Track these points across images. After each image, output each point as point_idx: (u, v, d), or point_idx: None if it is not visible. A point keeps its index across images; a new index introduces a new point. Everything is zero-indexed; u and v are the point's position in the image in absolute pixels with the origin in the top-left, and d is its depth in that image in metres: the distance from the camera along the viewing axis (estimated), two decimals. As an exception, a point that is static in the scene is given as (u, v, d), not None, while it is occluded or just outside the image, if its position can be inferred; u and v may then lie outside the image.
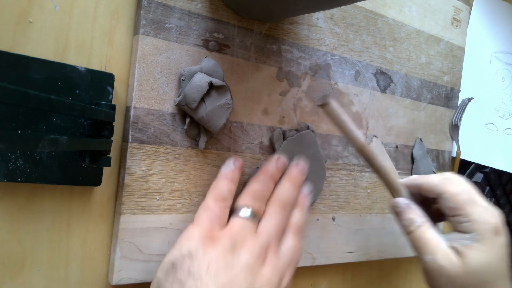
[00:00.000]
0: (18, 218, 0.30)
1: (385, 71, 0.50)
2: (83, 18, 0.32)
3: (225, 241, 0.30)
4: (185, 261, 0.28)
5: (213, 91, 0.34)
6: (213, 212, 0.32)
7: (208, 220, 0.31)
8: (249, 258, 0.29)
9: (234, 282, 0.27)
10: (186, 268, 0.28)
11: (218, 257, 0.28)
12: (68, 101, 0.26)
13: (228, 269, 0.28)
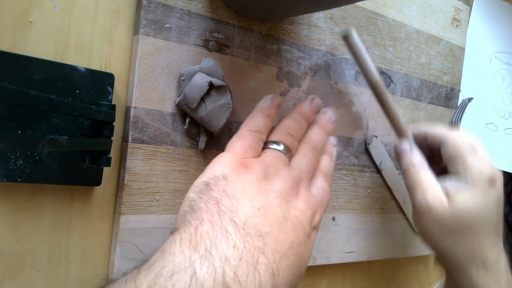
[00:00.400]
0: (18, 218, 0.30)
1: (385, 71, 0.50)
2: (83, 18, 0.32)
3: (259, 168, 0.28)
4: (220, 182, 0.27)
5: (213, 91, 0.34)
6: (247, 140, 0.31)
7: (241, 147, 0.30)
8: (283, 187, 0.28)
9: (269, 207, 0.26)
10: (221, 188, 0.26)
11: (252, 182, 0.27)
12: (68, 101, 0.26)
13: (263, 194, 0.26)
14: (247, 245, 0.23)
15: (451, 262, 0.39)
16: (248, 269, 0.22)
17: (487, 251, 0.38)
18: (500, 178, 0.39)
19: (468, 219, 0.37)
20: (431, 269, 0.61)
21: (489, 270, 0.38)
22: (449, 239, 0.38)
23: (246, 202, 0.25)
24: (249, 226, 0.24)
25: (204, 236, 0.23)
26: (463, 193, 0.38)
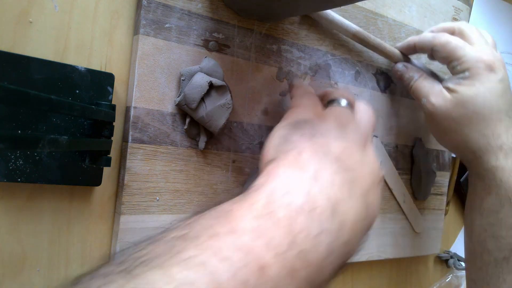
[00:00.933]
0: (18, 218, 0.30)
1: (385, 71, 0.50)
2: (83, 18, 0.32)
3: (332, 118, 0.29)
4: (306, 123, 0.28)
5: (213, 91, 0.34)
6: (311, 98, 0.32)
7: (309, 101, 0.32)
8: (356, 136, 0.29)
9: (350, 149, 0.27)
10: (309, 127, 0.28)
11: (331, 128, 0.28)
12: (68, 101, 0.26)
13: (343, 137, 0.27)
14: (344, 175, 0.24)
15: (468, 153, 0.41)
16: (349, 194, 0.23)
17: (502, 136, 0.40)
18: (499, 62, 0.40)
19: (473, 106, 0.39)
20: (431, 269, 0.61)
21: (507, 154, 0.39)
22: (460, 131, 0.40)
23: (333, 142, 0.26)
24: (342, 159, 0.25)
25: (309, 161, 0.24)
26: (464, 85, 0.40)
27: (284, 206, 0.21)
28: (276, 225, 0.20)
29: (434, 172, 0.56)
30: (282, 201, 0.21)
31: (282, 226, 0.20)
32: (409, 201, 0.53)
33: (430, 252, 0.57)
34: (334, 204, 0.22)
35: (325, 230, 0.21)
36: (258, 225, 0.19)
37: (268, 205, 0.21)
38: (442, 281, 0.60)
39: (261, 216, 0.20)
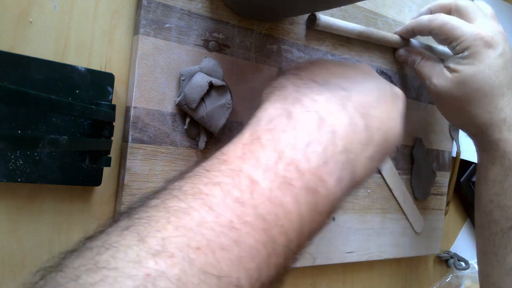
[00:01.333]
0: (18, 218, 0.30)
1: (385, 71, 0.50)
2: (83, 18, 0.32)
3: None
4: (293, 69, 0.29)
5: (213, 91, 0.34)
6: None
7: None
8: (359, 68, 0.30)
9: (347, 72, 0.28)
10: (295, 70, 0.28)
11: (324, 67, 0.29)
12: (68, 101, 0.26)
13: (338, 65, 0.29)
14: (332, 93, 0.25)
15: (473, 128, 0.43)
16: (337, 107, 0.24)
17: (504, 109, 0.41)
18: (499, 35, 0.41)
19: (473, 84, 0.40)
20: (431, 269, 0.61)
21: (510, 126, 0.41)
22: (463, 109, 0.41)
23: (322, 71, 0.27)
24: (330, 82, 0.26)
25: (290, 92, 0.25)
26: (464, 64, 0.41)
27: (268, 130, 0.22)
28: (262, 147, 0.21)
29: (434, 172, 0.56)
30: (266, 127, 0.22)
31: (267, 146, 0.21)
32: (409, 201, 0.53)
33: (430, 252, 0.57)
34: (319, 117, 0.23)
35: (313, 140, 0.21)
36: (246, 151, 0.21)
37: (254, 133, 0.22)
38: (442, 281, 0.60)
39: (248, 143, 0.22)
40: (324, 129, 0.22)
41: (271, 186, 0.20)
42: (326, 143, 0.22)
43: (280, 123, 0.22)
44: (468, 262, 0.61)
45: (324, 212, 0.21)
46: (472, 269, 0.61)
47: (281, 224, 0.19)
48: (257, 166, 0.20)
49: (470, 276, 0.61)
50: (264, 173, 0.20)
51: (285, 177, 0.20)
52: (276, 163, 0.20)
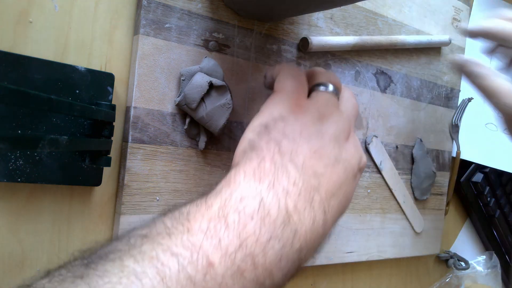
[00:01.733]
0: (18, 218, 0.30)
1: (385, 71, 0.50)
2: (83, 18, 0.32)
3: (313, 110, 0.29)
4: (278, 123, 0.28)
5: (213, 91, 0.34)
6: (296, 81, 0.30)
7: (292, 86, 0.30)
8: (336, 130, 0.28)
9: (324, 149, 0.27)
10: (281, 129, 0.27)
11: (308, 124, 0.28)
12: (68, 101, 0.26)
13: (318, 136, 0.27)
14: (305, 183, 0.25)
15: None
16: (305, 204, 0.24)
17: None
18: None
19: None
20: (431, 269, 0.61)
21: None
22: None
23: (304, 144, 0.26)
24: (306, 167, 0.25)
25: (267, 172, 0.25)
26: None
27: (237, 211, 0.22)
28: (227, 228, 0.21)
29: (434, 172, 0.56)
30: (236, 207, 0.22)
31: (232, 229, 0.21)
32: (409, 201, 0.53)
33: (430, 252, 0.57)
34: (287, 214, 0.23)
35: (275, 237, 0.22)
36: (210, 227, 0.21)
37: (223, 209, 0.22)
38: (442, 281, 0.60)
39: (215, 218, 0.22)
40: (288, 227, 0.23)
41: (225, 273, 0.20)
42: (285, 241, 0.22)
43: (249, 207, 0.22)
44: (468, 262, 0.61)
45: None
46: (472, 269, 0.61)
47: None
48: (217, 248, 0.20)
49: (470, 276, 0.61)
50: (222, 257, 0.20)
51: (240, 267, 0.21)
52: (236, 251, 0.21)
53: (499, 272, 0.62)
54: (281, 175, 0.24)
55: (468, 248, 0.66)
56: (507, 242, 0.66)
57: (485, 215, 0.65)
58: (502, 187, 0.66)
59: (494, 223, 0.65)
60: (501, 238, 0.66)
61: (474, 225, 0.67)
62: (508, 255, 0.67)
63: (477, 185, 0.62)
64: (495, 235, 0.66)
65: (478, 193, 0.63)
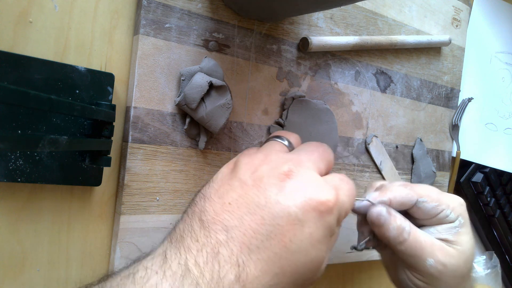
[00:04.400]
0: (18, 218, 0.30)
1: (385, 71, 0.50)
2: (83, 18, 0.32)
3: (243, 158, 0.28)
4: (205, 186, 0.29)
5: (213, 91, 0.34)
6: None
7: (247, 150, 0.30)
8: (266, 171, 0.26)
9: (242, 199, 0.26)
10: (203, 191, 0.28)
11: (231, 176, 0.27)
12: (68, 101, 0.26)
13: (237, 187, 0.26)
14: (209, 239, 0.24)
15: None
16: (208, 258, 0.24)
17: None
18: None
19: (472, 254, 0.37)
20: (431, 269, 0.61)
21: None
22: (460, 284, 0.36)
23: (218, 200, 0.26)
24: (216, 222, 0.25)
25: (177, 232, 0.26)
26: (463, 234, 0.36)
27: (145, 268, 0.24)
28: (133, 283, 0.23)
29: (434, 172, 0.56)
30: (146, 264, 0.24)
31: (138, 284, 0.23)
32: (409, 201, 0.53)
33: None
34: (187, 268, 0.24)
35: None
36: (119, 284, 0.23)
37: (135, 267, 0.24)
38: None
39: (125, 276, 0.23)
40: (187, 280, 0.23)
41: None
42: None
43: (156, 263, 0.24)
44: None
45: None
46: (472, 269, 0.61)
47: None
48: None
49: (470, 276, 0.61)
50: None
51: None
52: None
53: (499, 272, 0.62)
54: (186, 233, 0.25)
55: (468, 248, 0.66)
56: (507, 242, 0.66)
57: (485, 215, 0.65)
58: (502, 187, 0.66)
59: (494, 223, 0.65)
60: (501, 238, 0.66)
61: (474, 225, 0.67)
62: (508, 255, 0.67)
63: (477, 185, 0.62)
64: (495, 235, 0.66)
65: (478, 193, 0.63)
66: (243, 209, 0.25)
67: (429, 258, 0.35)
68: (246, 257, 0.24)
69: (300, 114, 0.41)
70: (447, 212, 0.36)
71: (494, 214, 0.64)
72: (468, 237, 0.36)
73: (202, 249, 0.24)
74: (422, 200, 0.36)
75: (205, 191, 0.28)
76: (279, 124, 0.40)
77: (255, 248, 0.24)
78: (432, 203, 0.36)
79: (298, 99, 0.41)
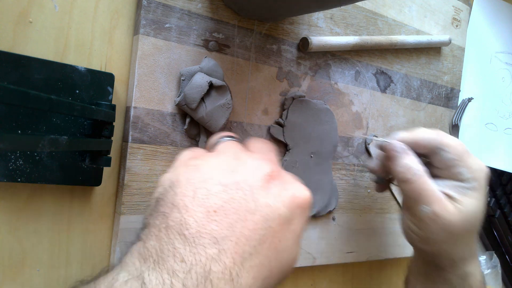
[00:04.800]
0: (18, 218, 0.30)
1: (385, 71, 0.50)
2: (83, 18, 0.32)
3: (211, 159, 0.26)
4: (168, 193, 0.24)
5: (213, 91, 0.34)
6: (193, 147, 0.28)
7: (188, 151, 0.28)
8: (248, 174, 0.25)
9: (229, 204, 0.23)
10: (170, 199, 0.24)
11: (204, 179, 0.24)
12: (68, 101, 0.26)
13: (219, 189, 0.24)
14: (197, 256, 0.22)
15: (448, 261, 0.39)
16: (198, 280, 0.21)
17: (476, 244, 0.39)
18: None
19: (475, 220, 0.37)
20: (431, 269, 0.61)
21: (475, 259, 0.39)
22: (453, 242, 0.37)
23: (198, 208, 0.23)
24: (202, 235, 0.22)
25: (151, 250, 0.22)
26: (470, 197, 0.36)
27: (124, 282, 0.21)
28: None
29: (434, 172, 0.56)
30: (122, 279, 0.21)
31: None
32: (409, 201, 0.53)
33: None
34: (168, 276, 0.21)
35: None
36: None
37: None
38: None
39: None
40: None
41: None
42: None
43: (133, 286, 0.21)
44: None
45: None
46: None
47: None
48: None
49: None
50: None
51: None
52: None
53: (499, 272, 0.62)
54: (166, 253, 0.22)
55: (468, 248, 0.66)
56: (507, 242, 0.66)
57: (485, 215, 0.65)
58: (502, 187, 0.66)
59: (494, 223, 0.65)
60: (501, 238, 0.66)
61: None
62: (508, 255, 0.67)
63: (477, 185, 0.62)
64: (495, 235, 0.66)
65: (478, 193, 0.63)
66: (232, 216, 0.23)
67: (424, 205, 0.36)
68: (239, 268, 0.22)
69: (300, 114, 0.41)
70: (463, 170, 0.37)
71: (494, 214, 0.64)
72: (475, 202, 0.37)
73: (190, 271, 0.21)
74: (443, 149, 0.37)
75: (173, 199, 0.24)
76: (279, 124, 0.40)
77: (248, 255, 0.23)
78: (452, 155, 0.37)
79: (298, 99, 0.41)
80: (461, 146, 0.38)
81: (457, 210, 0.36)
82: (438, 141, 0.37)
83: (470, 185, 0.37)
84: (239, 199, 0.23)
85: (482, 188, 0.37)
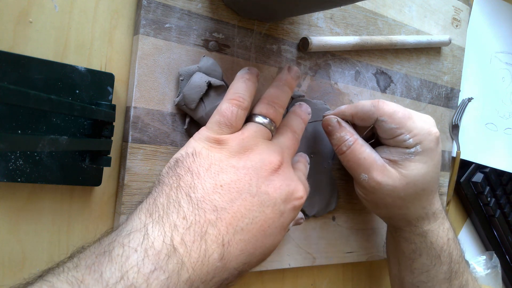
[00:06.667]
0: (18, 218, 0.30)
1: (385, 71, 0.50)
2: (83, 18, 0.32)
3: (233, 144, 0.29)
4: (188, 158, 0.28)
5: (212, 91, 0.34)
6: (223, 116, 0.30)
7: (217, 123, 0.30)
8: (258, 162, 0.28)
9: (235, 183, 0.27)
10: (188, 164, 0.27)
11: (221, 159, 0.28)
12: (68, 101, 0.26)
13: (230, 171, 0.27)
14: (197, 217, 0.25)
15: (403, 222, 0.40)
16: (195, 237, 0.24)
17: (435, 203, 0.40)
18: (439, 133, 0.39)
19: (422, 184, 0.37)
20: (431, 269, 0.61)
21: (437, 218, 0.40)
22: (403, 206, 0.38)
23: (208, 179, 0.27)
24: (205, 201, 0.25)
25: (159, 206, 0.25)
26: (415, 161, 0.37)
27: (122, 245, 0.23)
28: (110, 261, 0.22)
29: (434, 172, 0.56)
30: (122, 241, 0.23)
31: (115, 261, 0.22)
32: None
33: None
34: (172, 246, 0.23)
35: (160, 268, 0.22)
36: (95, 262, 0.22)
37: (112, 242, 0.23)
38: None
39: (101, 253, 0.23)
40: (173, 259, 0.23)
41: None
42: (171, 273, 0.22)
43: (135, 240, 0.23)
44: (468, 262, 0.61)
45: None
46: (472, 269, 0.61)
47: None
48: (98, 281, 0.21)
49: (470, 276, 0.60)
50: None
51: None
52: (116, 283, 0.21)
53: (499, 272, 0.62)
54: (172, 209, 0.25)
55: (468, 248, 0.66)
56: (507, 242, 0.66)
57: (485, 215, 0.65)
58: (502, 187, 0.66)
59: (494, 223, 0.65)
60: (501, 238, 0.66)
61: (474, 225, 0.67)
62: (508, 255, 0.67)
63: (477, 185, 0.62)
64: (495, 235, 0.66)
65: (478, 193, 0.63)
66: (234, 194, 0.26)
67: (363, 173, 0.38)
68: (231, 238, 0.25)
69: None
70: (405, 137, 0.37)
71: (494, 214, 0.64)
72: (419, 166, 0.37)
73: (189, 228, 0.24)
74: (381, 119, 0.38)
75: (191, 165, 0.27)
76: None
77: (240, 230, 0.26)
78: (391, 124, 0.37)
79: (298, 99, 0.41)
80: (400, 113, 0.37)
81: (400, 174, 0.37)
82: (375, 112, 0.38)
83: (414, 149, 0.37)
84: (244, 182, 0.27)
85: (428, 150, 0.37)
